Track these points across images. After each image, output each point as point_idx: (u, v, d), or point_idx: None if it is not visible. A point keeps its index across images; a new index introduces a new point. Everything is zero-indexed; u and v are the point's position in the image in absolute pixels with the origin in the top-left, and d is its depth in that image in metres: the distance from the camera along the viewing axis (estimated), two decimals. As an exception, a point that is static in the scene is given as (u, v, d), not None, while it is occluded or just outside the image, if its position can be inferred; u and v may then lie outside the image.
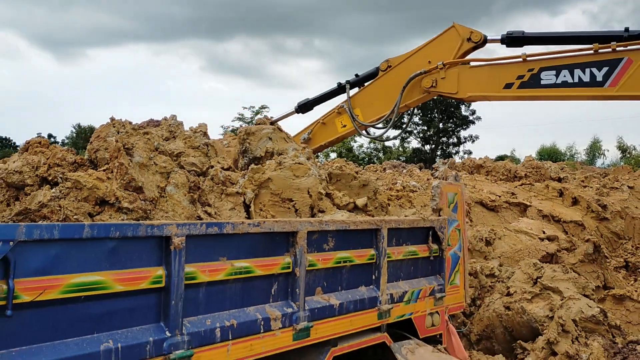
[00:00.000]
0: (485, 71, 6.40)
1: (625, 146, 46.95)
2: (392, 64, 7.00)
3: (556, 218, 14.24)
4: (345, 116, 7.24)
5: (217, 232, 3.10)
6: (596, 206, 14.81)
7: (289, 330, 3.49)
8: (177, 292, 2.88)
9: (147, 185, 3.53)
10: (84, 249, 2.57)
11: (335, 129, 7.37)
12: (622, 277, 12.38)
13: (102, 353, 2.58)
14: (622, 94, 5.77)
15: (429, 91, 6.65)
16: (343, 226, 3.94)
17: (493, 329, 6.50)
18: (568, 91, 5.97)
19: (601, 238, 14.63)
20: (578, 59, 5.93)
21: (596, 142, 53.42)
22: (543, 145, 54.15)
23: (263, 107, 42.82)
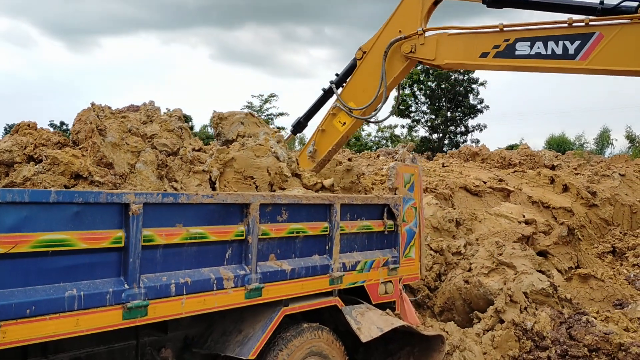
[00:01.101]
0: (463, 39, 6.56)
1: (633, 136, 46.83)
2: (366, 49, 7.14)
3: (546, 204, 14.62)
4: (341, 114, 7.28)
5: (172, 202, 3.59)
6: (586, 193, 15.15)
7: (241, 290, 3.98)
8: (135, 252, 3.37)
9: (117, 162, 4.03)
10: (52, 211, 3.06)
11: (337, 130, 7.36)
12: (608, 262, 12.76)
13: (66, 298, 3.08)
14: (593, 68, 5.93)
15: (409, 57, 6.75)
16: (295, 200, 4.41)
17: (453, 301, 6.96)
18: (541, 62, 6.14)
19: (590, 224, 15.00)
20: (552, 32, 6.10)
21: (605, 132, 53.23)
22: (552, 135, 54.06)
23: (272, 96, 43.26)
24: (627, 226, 15.43)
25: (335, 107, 7.29)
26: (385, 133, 50.59)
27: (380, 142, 49.01)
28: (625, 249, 13.44)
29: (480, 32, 6.51)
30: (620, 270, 11.88)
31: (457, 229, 8.76)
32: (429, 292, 7.12)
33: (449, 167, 14.64)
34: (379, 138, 50.36)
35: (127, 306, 3.32)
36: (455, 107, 50.08)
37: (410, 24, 6.76)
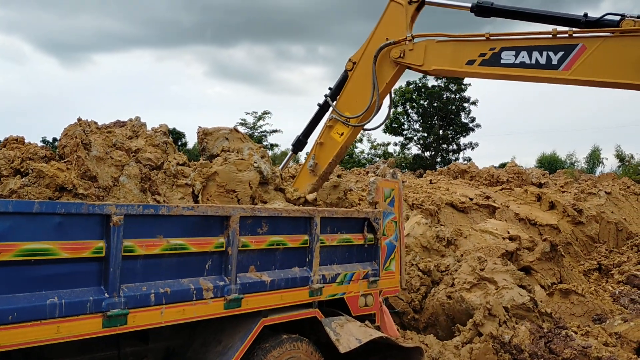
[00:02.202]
0: (451, 46, 6.66)
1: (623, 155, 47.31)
2: (356, 59, 7.26)
3: (532, 221, 14.80)
4: (338, 125, 7.34)
5: (153, 213, 3.71)
6: (572, 210, 15.35)
7: (220, 300, 4.08)
8: (115, 262, 3.48)
9: (101, 175, 4.15)
10: (35, 221, 3.18)
11: (335, 142, 7.39)
12: (594, 279, 12.91)
13: (47, 306, 3.18)
14: (575, 78, 6.04)
15: (398, 62, 6.86)
16: (275, 213, 4.53)
17: (437, 317, 7.07)
18: (525, 72, 6.25)
19: (576, 241, 15.18)
20: (537, 42, 6.22)
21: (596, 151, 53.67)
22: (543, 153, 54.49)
23: (265, 113, 43.53)
24: (612, 244, 15.61)
25: (332, 119, 7.40)
26: (378, 150, 50.94)
27: (373, 160, 49.28)
28: (611, 266, 13.60)
29: (468, 40, 6.64)
30: (606, 287, 12.03)
31: (446, 248, 8.81)
32: (414, 314, 7.20)
33: (437, 183, 14.82)
34: (372, 155, 50.67)
35: (107, 314, 3.42)
36: (447, 125, 50.53)
37: (396, 31, 6.92)
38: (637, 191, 19.36)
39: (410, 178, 17.70)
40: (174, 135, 46.42)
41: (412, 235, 8.74)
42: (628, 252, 14.50)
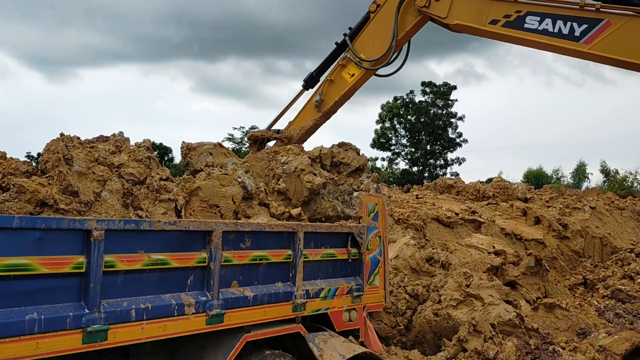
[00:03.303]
0: (477, 3, 6.63)
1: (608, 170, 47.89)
2: (380, 2, 7.21)
3: (518, 236, 14.89)
4: (350, 66, 7.30)
5: (134, 228, 3.70)
6: (557, 225, 15.47)
7: (202, 316, 4.07)
8: (95, 277, 3.47)
9: (83, 190, 4.14)
10: (15, 236, 3.17)
11: (345, 81, 7.37)
12: (580, 294, 12.98)
13: (27, 322, 3.15)
14: (593, 53, 6.02)
15: (422, 11, 6.84)
16: (258, 228, 4.55)
17: (424, 334, 7.07)
18: (546, 39, 6.23)
19: (562, 256, 15.28)
20: (563, 11, 6.19)
21: (582, 166, 54.28)
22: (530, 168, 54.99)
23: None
24: (597, 258, 15.73)
25: (345, 58, 7.32)
26: (366, 166, 51.05)
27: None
28: (596, 281, 13.69)
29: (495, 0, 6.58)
30: (591, 302, 12.11)
31: (435, 267, 8.78)
32: (400, 337, 7.18)
33: (423, 198, 14.89)
34: (360, 171, 50.75)
35: (87, 330, 3.40)
36: (434, 140, 50.98)
37: None
38: (621, 206, 19.57)
39: (397, 193, 17.78)
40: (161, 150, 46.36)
41: (401, 257, 8.70)
42: (613, 267, 14.61)
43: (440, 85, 49.68)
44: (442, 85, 49.76)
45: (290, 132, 7.82)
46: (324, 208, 6.61)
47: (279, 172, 6.88)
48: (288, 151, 7.22)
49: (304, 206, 6.65)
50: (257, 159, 7.33)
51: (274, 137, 7.84)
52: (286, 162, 6.88)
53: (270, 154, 7.28)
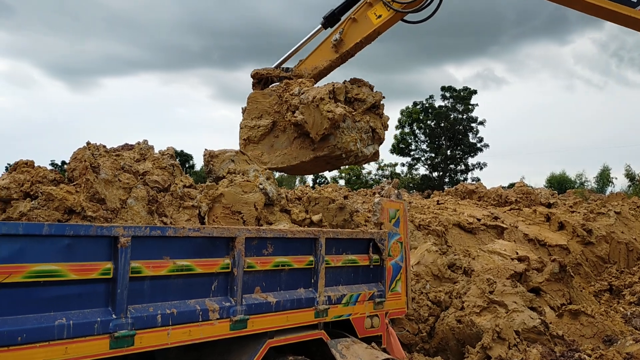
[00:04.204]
0: None
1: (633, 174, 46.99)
2: None
3: (542, 242, 14.71)
4: (378, 6, 6.63)
5: (160, 235, 3.76)
6: (581, 231, 15.23)
7: (226, 321, 4.11)
8: (123, 283, 3.53)
9: (109, 198, 4.22)
10: (45, 243, 3.24)
11: (370, 22, 6.71)
12: (605, 300, 12.76)
13: (56, 327, 3.22)
14: None
15: None
16: (280, 234, 4.58)
17: (447, 341, 7.02)
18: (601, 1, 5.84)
19: (586, 262, 15.04)
20: None
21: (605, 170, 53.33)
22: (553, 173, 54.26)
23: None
24: (623, 264, 15.44)
25: None
26: (386, 171, 51.00)
27: (380, 180, 49.30)
28: (622, 287, 13.44)
29: None
30: (617, 309, 11.88)
31: (457, 274, 8.68)
32: (422, 344, 7.13)
33: (444, 204, 14.80)
34: (379, 176, 50.70)
35: (115, 336, 3.46)
36: (455, 145, 50.64)
37: None
38: (647, 211, 19.18)
39: (418, 199, 17.69)
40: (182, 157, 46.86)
41: (422, 263, 8.64)
42: (639, 273, 14.33)
43: (460, 90, 49.42)
44: (462, 89, 49.49)
45: (301, 71, 7.20)
46: (345, 142, 6.28)
47: (295, 102, 6.40)
48: (300, 84, 6.73)
49: (322, 142, 6.31)
50: (264, 95, 6.96)
51: (282, 76, 7.16)
52: (302, 92, 6.39)
53: (280, 87, 6.89)
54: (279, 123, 6.88)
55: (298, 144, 6.76)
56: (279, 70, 7.22)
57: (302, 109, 6.25)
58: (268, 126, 6.82)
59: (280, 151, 6.83)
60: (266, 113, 6.89)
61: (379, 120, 6.98)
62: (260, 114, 6.95)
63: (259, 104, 6.97)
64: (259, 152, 6.82)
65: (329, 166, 7.19)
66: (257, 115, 6.91)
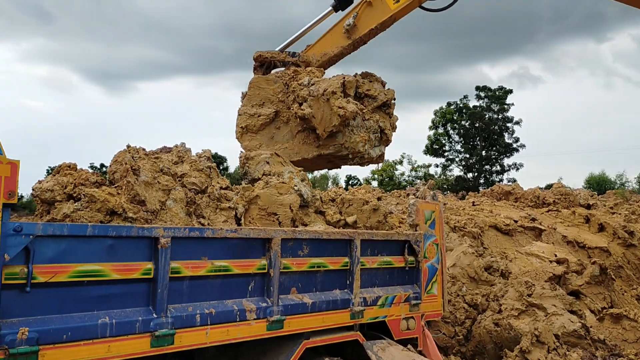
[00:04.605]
0: None
1: (676, 174, 45.38)
2: None
3: (581, 244, 14.33)
4: None
5: (198, 236, 3.83)
6: (623, 232, 14.79)
7: (263, 321, 4.15)
8: (163, 283, 3.60)
9: (149, 199, 4.32)
10: (88, 244, 3.34)
11: (387, 7, 6.29)
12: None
13: (99, 326, 3.31)
14: None
15: None
16: (316, 235, 4.60)
17: (484, 344, 6.91)
18: None
19: (628, 264, 14.59)
20: None
21: (648, 170, 51.66)
22: (592, 174, 52.90)
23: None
24: (667, 267, 14.92)
25: None
26: (419, 172, 50.56)
27: (413, 182, 48.93)
28: (667, 291, 12.99)
29: None
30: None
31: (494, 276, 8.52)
32: (459, 347, 7.04)
33: (480, 205, 14.58)
34: (412, 177, 50.32)
35: (155, 334, 3.53)
36: (490, 146, 49.84)
37: None
38: (692, 212, 18.49)
39: (452, 200, 17.49)
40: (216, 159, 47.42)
41: (458, 265, 8.54)
42: (684, 276, 13.82)
43: (495, 89, 48.64)
44: (497, 89, 48.71)
45: (309, 57, 6.70)
46: (354, 142, 5.88)
47: (303, 94, 5.90)
48: (310, 73, 6.23)
49: (328, 139, 5.87)
50: (267, 80, 6.43)
51: (287, 61, 6.67)
52: (312, 83, 5.86)
53: (287, 75, 6.36)
54: (282, 113, 6.39)
55: (301, 138, 6.31)
56: (285, 54, 6.71)
57: (310, 101, 5.80)
58: (270, 116, 6.33)
59: (281, 144, 6.39)
60: (269, 101, 6.37)
61: (388, 120, 6.56)
62: (262, 102, 6.44)
63: (261, 91, 6.45)
64: (257, 142, 6.36)
65: (330, 165, 6.81)
66: (259, 102, 6.41)
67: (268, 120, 6.35)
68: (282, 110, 6.39)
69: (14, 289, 3.05)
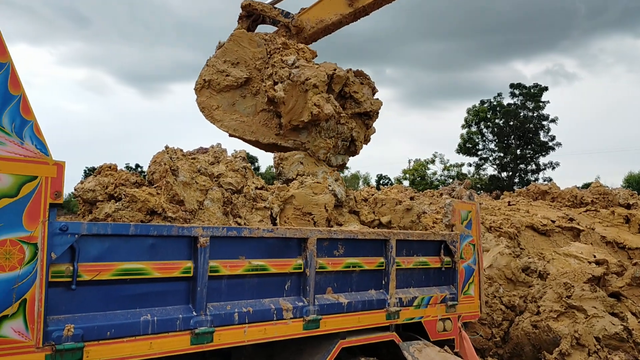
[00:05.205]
0: None
1: None
2: None
3: (621, 245, 13.95)
4: None
5: (236, 235, 3.87)
6: (665, 233, 14.33)
7: (299, 321, 4.17)
8: (202, 281, 3.66)
9: (188, 199, 4.39)
10: (130, 243, 3.42)
11: None
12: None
13: (141, 323, 3.39)
14: None
15: None
16: (351, 235, 4.60)
17: (522, 346, 6.79)
18: None
19: (671, 266, 14.13)
20: None
21: (690, 169, 49.96)
22: (631, 172, 51.47)
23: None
24: None
25: None
26: (452, 171, 49.99)
27: (446, 181, 48.40)
28: None
29: None
30: None
31: (532, 277, 8.36)
32: (496, 348, 6.94)
33: (515, 205, 14.33)
34: (445, 177, 49.78)
35: (195, 332, 3.59)
36: (525, 144, 48.91)
37: None
38: None
39: (487, 200, 17.23)
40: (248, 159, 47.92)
41: (495, 266, 8.40)
42: None
43: (530, 87, 47.70)
44: (532, 86, 47.77)
45: (303, 21, 5.99)
46: (316, 146, 5.40)
47: (282, 73, 5.21)
48: (299, 51, 5.50)
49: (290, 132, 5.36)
50: (251, 40, 5.68)
51: (278, 20, 6.01)
52: (296, 66, 5.15)
53: (274, 43, 5.64)
54: (254, 83, 5.67)
55: (263, 118, 5.67)
56: (277, 11, 6.01)
57: (287, 85, 5.13)
58: (239, 80, 5.63)
59: (239, 115, 5.73)
60: (244, 63, 5.64)
61: (363, 131, 6.03)
62: (237, 61, 5.72)
63: (240, 49, 5.69)
64: (215, 103, 5.69)
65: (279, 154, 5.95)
66: (233, 60, 5.69)
67: (236, 84, 5.65)
68: (255, 79, 5.67)
69: (60, 287, 3.15)
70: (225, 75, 5.64)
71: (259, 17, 6.07)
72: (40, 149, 3.04)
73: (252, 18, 6.06)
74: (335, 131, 5.57)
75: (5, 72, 2.95)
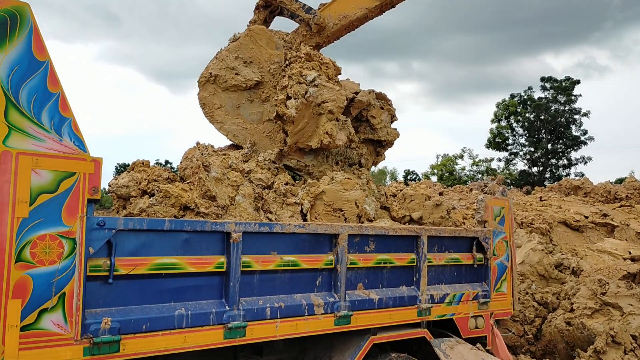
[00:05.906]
0: None
1: None
2: None
3: (657, 241, 13.59)
4: None
5: (268, 231, 3.90)
6: None
7: (330, 316, 4.18)
8: (235, 276, 3.70)
9: (220, 195, 4.43)
10: (165, 238, 3.47)
11: None
12: None
13: (176, 317, 3.44)
14: None
15: None
16: (382, 231, 4.58)
17: (555, 344, 6.68)
18: None
19: None
20: None
21: None
22: (667, 167, 50.00)
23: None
24: None
25: None
26: (481, 167, 49.34)
27: (475, 177, 47.80)
28: None
29: None
30: None
31: (565, 274, 8.21)
32: (528, 346, 6.84)
33: (547, 201, 14.08)
34: (474, 172, 49.15)
35: (228, 326, 3.62)
36: (556, 139, 47.94)
37: None
38: None
39: (518, 195, 16.97)
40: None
41: (527, 262, 8.27)
42: None
43: (561, 80, 46.70)
44: (564, 79, 46.74)
45: (324, 19, 5.51)
46: (320, 172, 5.13)
47: (297, 89, 4.75)
48: (323, 65, 4.99)
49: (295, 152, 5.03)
50: (269, 40, 5.25)
51: (297, 14, 5.57)
52: (316, 85, 4.72)
53: (294, 50, 5.27)
54: (264, 88, 5.28)
55: (267, 128, 5.30)
56: (298, 4, 5.56)
57: (300, 103, 4.71)
58: (249, 82, 5.23)
59: (242, 121, 5.34)
60: (258, 64, 5.24)
61: (372, 158, 5.76)
62: (250, 60, 5.30)
63: (256, 48, 5.28)
64: (218, 102, 5.33)
65: None
66: (247, 58, 5.27)
67: (244, 85, 5.24)
68: (267, 84, 5.26)
69: (98, 281, 3.21)
70: (234, 73, 5.27)
71: (276, 9, 5.69)
72: (78, 146, 3.10)
73: (269, 9, 5.67)
74: (343, 155, 5.36)
75: (45, 71, 3.02)
